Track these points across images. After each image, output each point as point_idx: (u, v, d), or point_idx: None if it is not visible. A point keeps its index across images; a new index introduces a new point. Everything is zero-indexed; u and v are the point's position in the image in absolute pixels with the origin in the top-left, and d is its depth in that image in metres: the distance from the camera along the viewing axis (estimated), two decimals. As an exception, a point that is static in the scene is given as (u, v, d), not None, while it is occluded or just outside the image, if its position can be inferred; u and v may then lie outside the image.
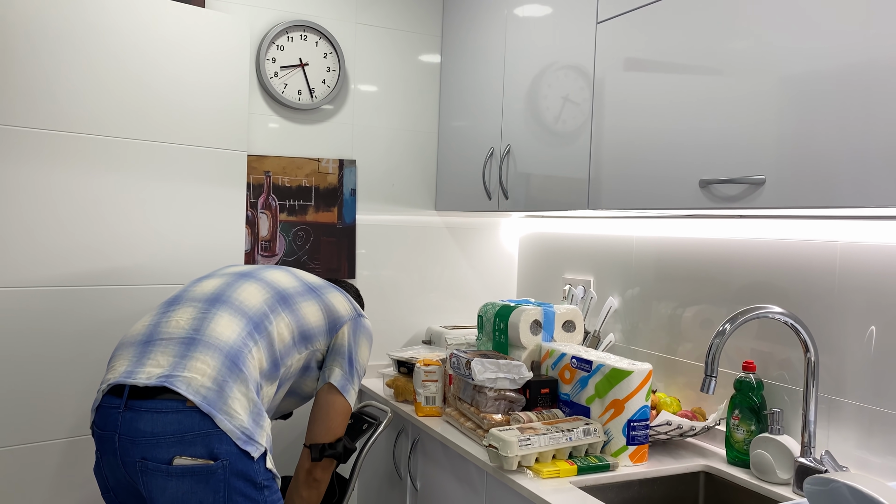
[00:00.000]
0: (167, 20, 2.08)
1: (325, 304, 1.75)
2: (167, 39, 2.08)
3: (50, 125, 1.90)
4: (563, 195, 1.99)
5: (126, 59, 2.01)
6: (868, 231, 1.55)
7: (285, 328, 1.65)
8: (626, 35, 1.77)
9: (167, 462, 1.34)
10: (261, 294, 1.66)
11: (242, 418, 1.42)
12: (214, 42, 2.18)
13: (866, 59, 1.24)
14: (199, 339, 1.47)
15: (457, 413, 1.95)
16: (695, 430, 1.78)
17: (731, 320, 1.51)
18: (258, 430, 1.45)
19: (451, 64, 2.61)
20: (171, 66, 2.09)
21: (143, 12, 2.03)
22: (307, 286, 1.76)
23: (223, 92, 2.20)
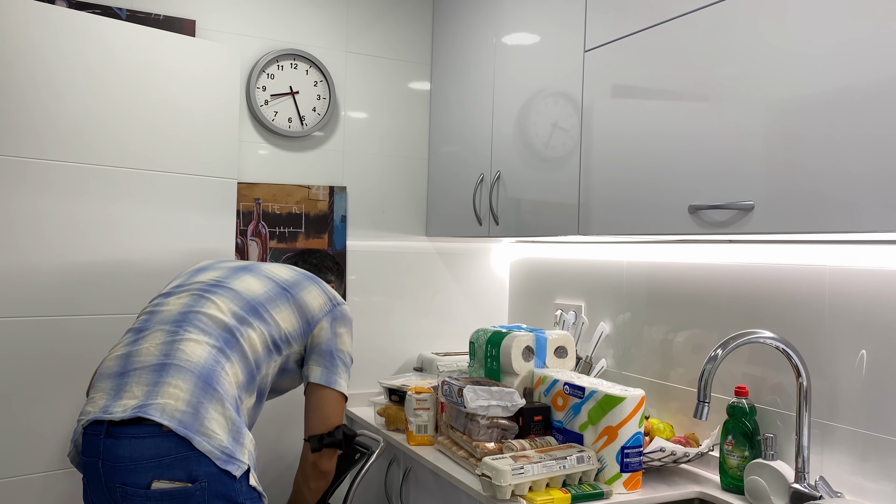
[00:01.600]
0: (158, 49, 2.09)
1: (298, 306, 1.73)
2: (157, 68, 2.09)
3: (37, 154, 1.89)
4: (554, 221, 1.99)
5: (115, 88, 2.01)
6: (857, 255, 1.56)
7: (258, 338, 1.63)
8: (614, 63, 1.78)
9: (146, 487, 1.35)
10: (229, 306, 1.64)
11: (221, 437, 1.41)
12: (205, 71, 2.19)
13: (853, 84, 1.25)
14: (169, 364, 1.47)
15: (449, 441, 1.93)
16: (689, 457, 1.77)
17: (723, 345, 1.51)
18: (238, 447, 1.44)
19: (440, 91, 2.63)
20: (161, 95, 2.09)
21: (133, 42, 2.04)
22: (279, 287, 1.74)
23: (213, 120, 2.20)
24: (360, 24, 2.57)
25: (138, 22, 2.15)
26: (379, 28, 2.60)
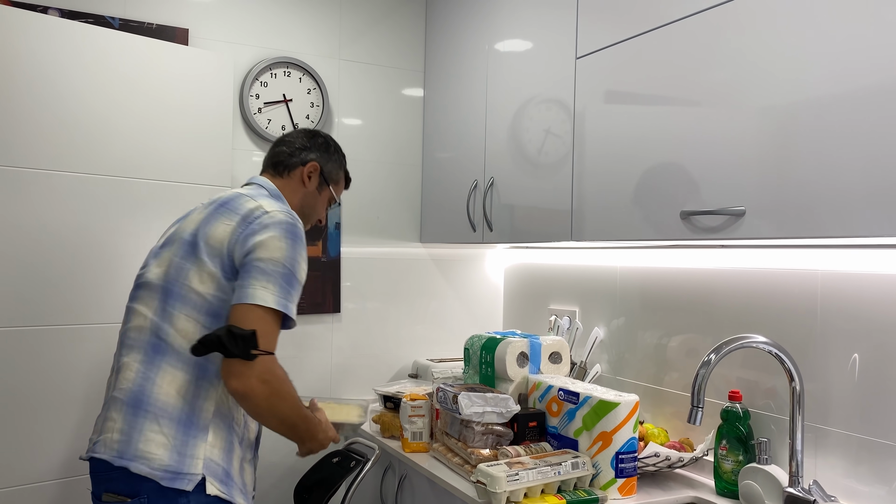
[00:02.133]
0: (151, 58, 2.09)
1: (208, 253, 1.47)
2: (150, 77, 2.09)
3: (30, 163, 1.89)
4: (547, 226, 2.00)
5: (109, 97, 2.01)
6: (848, 260, 1.57)
7: (187, 323, 1.46)
8: (606, 69, 1.79)
9: (99, 497, 1.45)
10: (150, 305, 1.50)
11: (161, 457, 1.38)
12: (198, 79, 2.19)
13: (844, 89, 1.26)
14: (110, 397, 1.50)
15: (444, 448, 1.93)
16: (683, 462, 1.78)
17: (716, 350, 1.51)
18: (188, 460, 1.39)
19: (434, 97, 2.64)
20: (154, 104, 2.09)
21: (126, 51, 2.04)
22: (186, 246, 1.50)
23: (207, 128, 2.20)
24: (353, 32, 2.57)
25: (131, 31, 2.15)
26: (372, 35, 2.61)
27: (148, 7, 2.23)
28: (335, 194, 1.80)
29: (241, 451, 1.52)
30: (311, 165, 1.72)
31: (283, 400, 1.46)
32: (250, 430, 1.58)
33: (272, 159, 1.74)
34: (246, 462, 1.55)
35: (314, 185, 1.74)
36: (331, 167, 1.77)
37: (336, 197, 1.81)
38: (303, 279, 1.50)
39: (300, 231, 1.52)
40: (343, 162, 1.83)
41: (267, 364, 1.40)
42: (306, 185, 1.72)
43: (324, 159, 1.75)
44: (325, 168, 1.75)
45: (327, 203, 1.80)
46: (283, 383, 1.45)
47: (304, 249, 1.52)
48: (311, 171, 1.72)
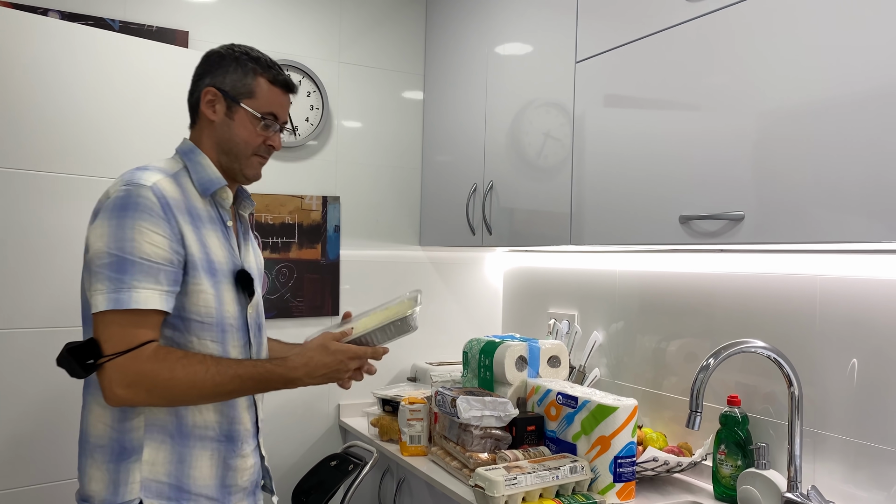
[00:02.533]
0: (151, 61, 2.09)
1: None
2: (150, 80, 2.08)
3: (29, 165, 1.89)
4: (546, 230, 2.00)
5: (108, 99, 2.01)
6: (847, 265, 1.57)
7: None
8: (605, 73, 1.80)
9: None
10: None
11: (100, 492, 1.31)
12: (197, 82, 2.18)
13: (841, 94, 1.26)
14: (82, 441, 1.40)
15: (442, 452, 1.93)
16: (681, 466, 1.78)
17: (715, 355, 1.51)
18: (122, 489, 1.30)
19: (433, 100, 2.64)
20: (154, 106, 2.09)
21: (126, 53, 2.04)
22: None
23: (206, 131, 2.20)
24: (352, 35, 2.58)
25: (131, 33, 2.15)
26: (372, 38, 2.61)
27: (148, 9, 2.23)
28: (257, 109, 1.40)
29: (218, 452, 1.36)
30: (206, 91, 1.40)
31: (169, 387, 1.25)
32: (240, 421, 1.40)
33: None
34: (236, 459, 1.39)
35: (221, 114, 1.40)
36: (232, 80, 1.40)
37: (258, 112, 1.40)
38: (147, 254, 1.24)
39: (132, 200, 1.26)
40: (254, 65, 1.41)
41: (120, 367, 1.23)
42: (212, 116, 1.41)
43: (220, 76, 1.40)
44: (225, 85, 1.40)
45: (255, 124, 1.41)
46: (155, 373, 1.24)
47: (146, 217, 1.25)
48: (210, 99, 1.40)
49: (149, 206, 1.27)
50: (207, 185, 1.39)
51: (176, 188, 1.34)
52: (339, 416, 2.53)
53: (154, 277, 1.25)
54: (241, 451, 1.40)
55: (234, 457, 1.39)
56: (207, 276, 1.34)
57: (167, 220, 1.28)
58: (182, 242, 1.30)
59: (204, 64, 1.44)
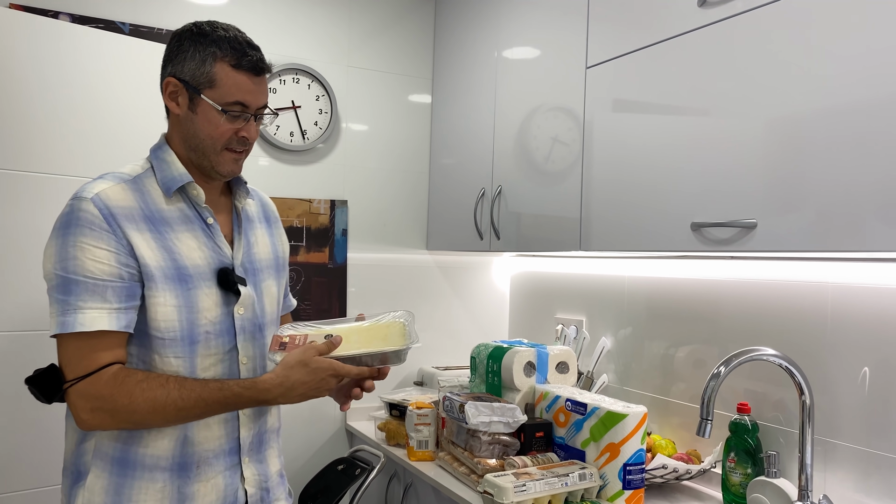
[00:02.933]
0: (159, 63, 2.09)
1: None
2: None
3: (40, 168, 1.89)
4: (555, 235, 1.99)
5: (118, 102, 2.01)
6: (859, 272, 1.56)
7: None
8: (616, 79, 1.79)
9: None
10: None
11: None
12: (207, 85, 2.19)
13: (855, 100, 1.26)
14: None
15: (450, 457, 1.92)
16: (691, 474, 1.77)
17: (726, 363, 1.50)
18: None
19: (441, 104, 2.64)
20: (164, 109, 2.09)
21: (136, 56, 2.04)
22: None
23: (215, 134, 2.20)
24: (361, 39, 2.58)
25: (141, 36, 2.15)
26: (380, 42, 2.61)
27: (158, 12, 2.23)
28: (221, 99, 1.25)
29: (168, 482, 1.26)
30: (166, 83, 1.28)
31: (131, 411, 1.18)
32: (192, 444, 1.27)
33: None
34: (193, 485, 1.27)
35: (185, 105, 1.28)
36: (191, 68, 1.25)
37: (219, 104, 1.24)
38: (91, 271, 1.17)
39: (74, 217, 1.19)
40: (214, 48, 1.25)
41: (80, 393, 1.18)
42: (177, 110, 1.29)
43: (179, 64, 1.27)
44: (185, 73, 1.26)
45: (219, 117, 1.26)
46: (115, 397, 1.18)
47: (86, 233, 1.18)
48: (172, 91, 1.28)
49: (89, 220, 1.18)
50: (170, 184, 1.27)
51: (129, 194, 1.24)
52: (346, 419, 2.52)
53: (101, 296, 1.17)
54: (200, 475, 1.28)
55: (190, 483, 1.27)
56: (173, 284, 1.24)
57: (112, 232, 1.19)
58: (132, 254, 1.20)
59: (167, 49, 1.29)
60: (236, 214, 1.40)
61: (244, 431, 1.34)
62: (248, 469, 1.35)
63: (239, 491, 1.34)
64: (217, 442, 1.30)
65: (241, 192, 1.41)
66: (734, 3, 1.47)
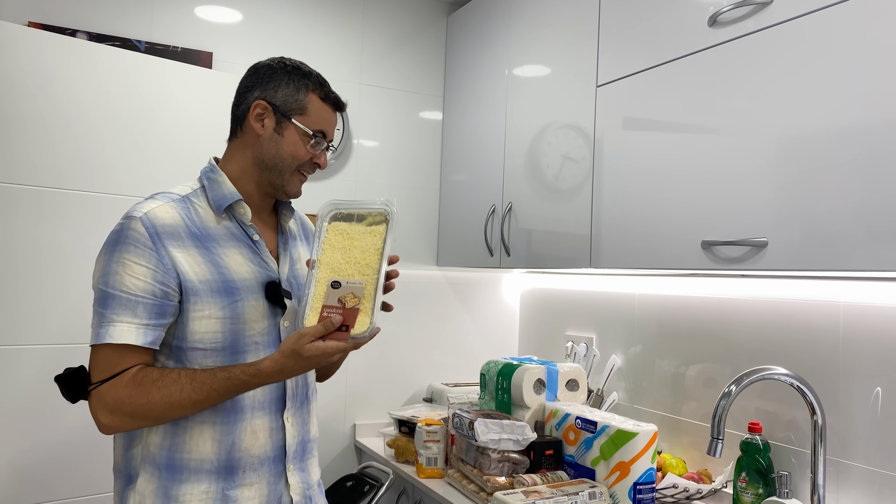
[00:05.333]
0: (175, 81, 2.12)
1: None
2: (175, 99, 2.11)
3: (57, 184, 1.91)
4: (565, 252, 2.00)
5: (134, 119, 2.04)
6: (871, 292, 1.55)
7: None
8: (626, 97, 1.80)
9: None
10: None
11: None
12: (221, 102, 2.19)
13: (865, 119, 1.26)
14: None
15: (459, 475, 1.91)
16: (701, 493, 1.75)
17: (737, 382, 1.50)
18: None
19: (452, 121, 2.66)
20: (178, 126, 2.12)
21: (152, 73, 2.07)
22: None
23: (228, 150, 2.23)
24: (373, 57, 2.60)
25: (157, 54, 2.18)
26: (392, 60, 2.64)
27: (174, 31, 2.27)
28: (308, 126, 1.36)
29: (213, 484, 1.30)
30: (256, 105, 1.35)
31: (149, 409, 1.23)
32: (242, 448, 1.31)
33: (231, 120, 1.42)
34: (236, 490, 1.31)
35: (270, 128, 1.36)
36: (284, 94, 1.36)
37: (310, 129, 1.36)
38: (127, 287, 1.23)
39: (123, 234, 1.26)
40: (307, 80, 1.37)
41: (101, 395, 1.24)
42: (259, 130, 1.36)
43: (271, 90, 1.36)
44: (277, 99, 1.35)
45: (304, 141, 1.37)
46: (132, 398, 1.23)
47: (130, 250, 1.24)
48: (259, 113, 1.35)
49: (135, 238, 1.25)
50: (220, 202, 1.34)
51: (177, 213, 1.30)
52: (355, 436, 2.52)
53: (132, 311, 1.23)
54: (242, 479, 1.31)
55: (233, 487, 1.31)
56: (218, 296, 1.28)
57: (155, 251, 1.25)
58: (174, 272, 1.25)
59: (252, 76, 1.39)
60: (281, 232, 1.46)
61: (290, 439, 1.38)
62: (293, 476, 1.39)
63: (283, 497, 1.37)
64: (262, 449, 1.34)
65: (286, 211, 1.47)
66: (744, 23, 1.48)
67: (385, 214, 1.32)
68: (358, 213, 1.31)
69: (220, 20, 2.36)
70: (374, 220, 1.31)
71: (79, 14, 2.12)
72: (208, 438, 1.30)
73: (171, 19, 2.27)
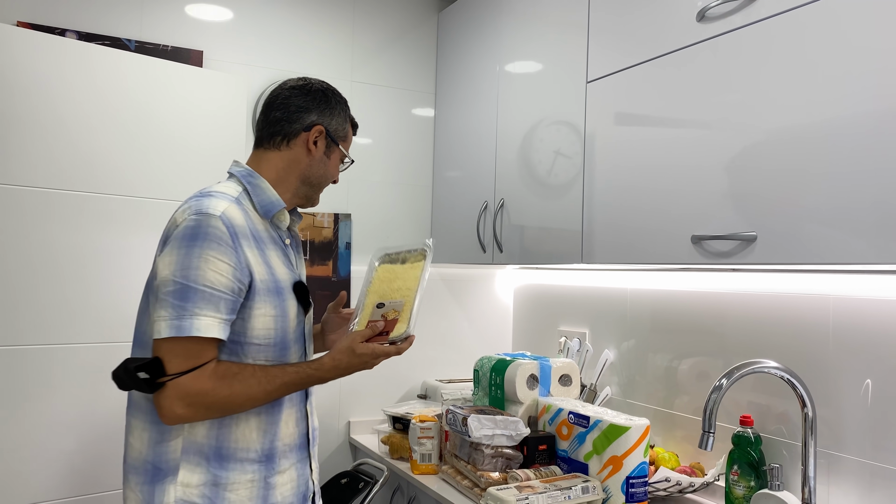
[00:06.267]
0: (166, 80, 2.12)
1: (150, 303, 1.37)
2: (165, 98, 2.11)
3: (45, 183, 1.91)
4: (557, 248, 2.00)
5: (124, 118, 2.03)
6: (861, 285, 1.56)
7: None
8: (616, 93, 1.81)
9: None
10: None
11: None
12: (212, 100, 2.21)
13: (853, 114, 1.27)
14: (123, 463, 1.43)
15: (453, 471, 1.92)
16: (694, 487, 1.76)
17: (728, 375, 1.50)
18: None
19: (444, 118, 2.66)
20: (168, 124, 2.12)
21: (142, 72, 2.07)
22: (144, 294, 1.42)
23: (220, 149, 2.22)
24: (364, 54, 2.60)
25: (147, 53, 2.18)
26: (383, 57, 2.64)
27: (163, 30, 2.26)
28: (346, 150, 1.54)
29: (258, 472, 1.37)
30: (317, 130, 1.46)
31: (228, 401, 1.30)
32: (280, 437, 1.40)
33: (268, 129, 1.47)
34: (276, 476, 1.39)
35: (321, 151, 1.48)
36: (336, 123, 1.50)
37: (347, 154, 1.55)
38: (211, 282, 1.27)
39: (203, 230, 1.29)
40: (347, 109, 1.54)
41: (182, 386, 1.26)
42: (313, 152, 1.46)
43: (327, 116, 1.48)
44: (331, 126, 1.49)
45: (338, 162, 1.53)
46: (215, 391, 1.28)
47: (213, 247, 1.28)
48: (317, 136, 1.46)
49: (218, 236, 1.29)
50: (269, 208, 1.42)
51: (241, 213, 1.36)
52: (350, 433, 2.53)
53: (215, 306, 1.28)
54: (279, 467, 1.40)
55: (273, 474, 1.39)
56: (272, 296, 1.37)
57: (234, 249, 1.31)
58: (248, 270, 1.33)
59: (306, 98, 1.48)
60: (291, 236, 1.54)
61: (311, 428, 1.50)
62: (314, 462, 1.51)
63: (308, 482, 1.48)
64: (292, 437, 1.44)
65: (295, 217, 1.55)
66: (732, 18, 1.49)
67: (424, 252, 1.53)
68: (402, 257, 1.57)
69: (211, 18, 2.35)
70: (416, 259, 1.54)
71: (68, 13, 2.12)
72: (254, 428, 1.37)
73: (161, 18, 2.26)
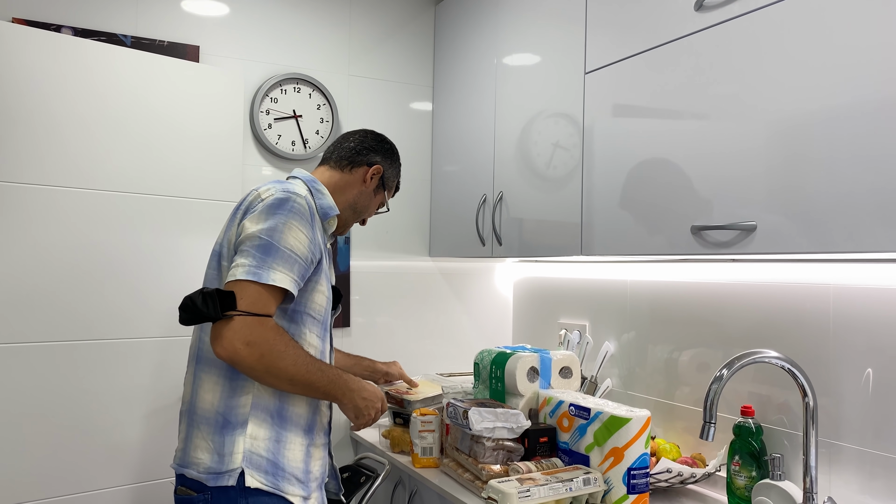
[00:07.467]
0: (162, 75, 2.11)
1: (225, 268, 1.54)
2: (162, 94, 2.10)
3: (43, 180, 1.90)
4: (556, 240, 2.00)
5: (121, 114, 2.03)
6: (861, 274, 1.56)
7: None
8: (615, 84, 1.80)
9: (175, 492, 1.58)
10: None
11: (205, 461, 1.49)
12: (209, 96, 2.20)
13: (852, 102, 1.26)
14: (190, 412, 1.57)
15: (454, 464, 1.92)
16: (695, 477, 1.77)
17: (728, 366, 1.50)
18: (226, 459, 1.48)
19: (442, 112, 2.65)
20: (165, 120, 2.11)
21: (138, 68, 2.06)
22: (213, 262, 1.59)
23: (218, 144, 2.22)
24: (361, 48, 2.59)
25: (143, 48, 2.17)
26: (381, 51, 2.63)
27: (160, 25, 2.25)
28: (388, 199, 1.84)
29: (305, 439, 1.56)
30: (377, 168, 1.75)
31: (279, 358, 1.42)
32: (322, 415, 1.62)
33: (336, 152, 1.75)
34: (314, 448, 1.58)
35: (372, 187, 1.76)
36: (391, 174, 1.81)
37: (387, 202, 1.84)
38: (290, 245, 1.46)
39: (290, 204, 1.50)
40: (400, 171, 1.85)
41: (248, 325, 1.39)
42: (367, 184, 1.74)
43: (387, 164, 1.79)
44: (387, 173, 1.79)
45: (378, 206, 1.81)
46: (274, 343, 1.42)
47: (297, 218, 1.49)
48: (374, 173, 1.75)
49: (302, 211, 1.51)
50: (328, 211, 1.65)
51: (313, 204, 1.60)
52: (350, 427, 2.52)
53: (290, 266, 1.46)
54: (316, 440, 1.59)
55: (313, 446, 1.58)
56: (326, 280, 1.59)
57: (312, 227, 1.53)
58: (319, 249, 1.54)
59: (379, 144, 1.78)
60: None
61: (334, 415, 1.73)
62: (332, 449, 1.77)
63: (331, 464, 1.71)
64: (325, 418, 1.65)
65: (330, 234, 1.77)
66: (731, 6, 1.48)
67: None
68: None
69: (207, 13, 2.34)
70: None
71: (63, 9, 2.11)
72: (305, 402, 1.56)
73: (157, 13, 2.25)
